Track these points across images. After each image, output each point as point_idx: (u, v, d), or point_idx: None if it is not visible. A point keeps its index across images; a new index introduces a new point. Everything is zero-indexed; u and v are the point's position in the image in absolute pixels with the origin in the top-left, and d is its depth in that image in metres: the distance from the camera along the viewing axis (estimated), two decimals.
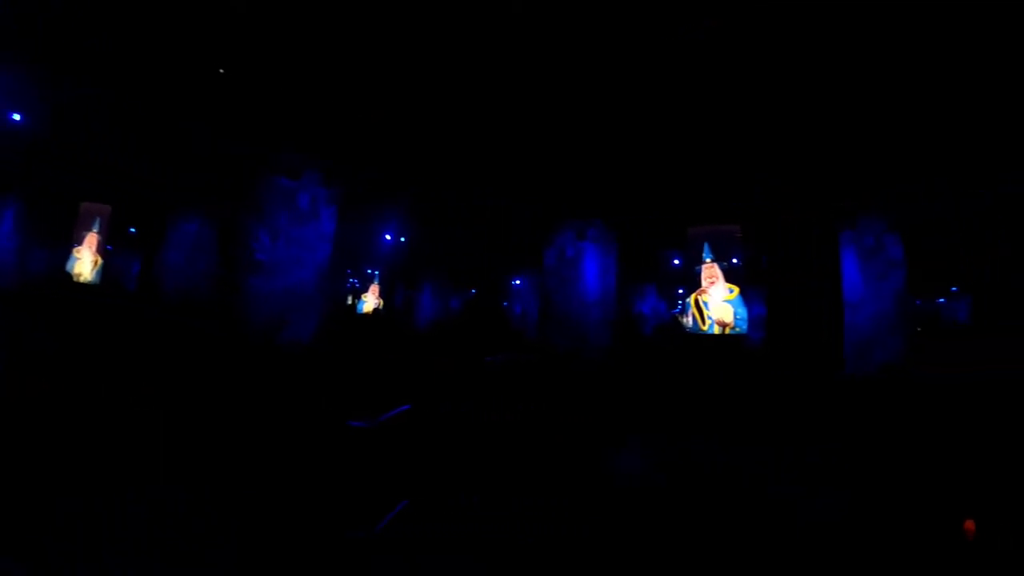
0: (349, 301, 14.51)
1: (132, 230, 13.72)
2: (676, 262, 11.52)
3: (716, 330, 10.87)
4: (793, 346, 10.92)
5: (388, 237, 13.43)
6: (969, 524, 2.79)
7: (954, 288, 13.40)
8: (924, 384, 7.60)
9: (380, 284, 13.97)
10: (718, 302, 10.93)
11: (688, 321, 11.22)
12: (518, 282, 12.62)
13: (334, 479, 2.75)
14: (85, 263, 12.31)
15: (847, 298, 9.46)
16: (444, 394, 5.09)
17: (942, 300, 13.66)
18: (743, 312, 10.83)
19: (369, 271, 14.03)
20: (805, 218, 11.03)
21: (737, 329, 10.81)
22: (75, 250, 12.36)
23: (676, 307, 11.18)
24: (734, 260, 11.03)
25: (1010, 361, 7.87)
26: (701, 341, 10.95)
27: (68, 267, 12.31)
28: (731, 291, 10.89)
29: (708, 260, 11.09)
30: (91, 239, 12.33)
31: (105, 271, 12.35)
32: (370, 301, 14.13)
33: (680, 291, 11.20)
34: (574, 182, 11.16)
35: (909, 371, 8.32)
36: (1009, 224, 10.62)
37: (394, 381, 6.14)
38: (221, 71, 8.96)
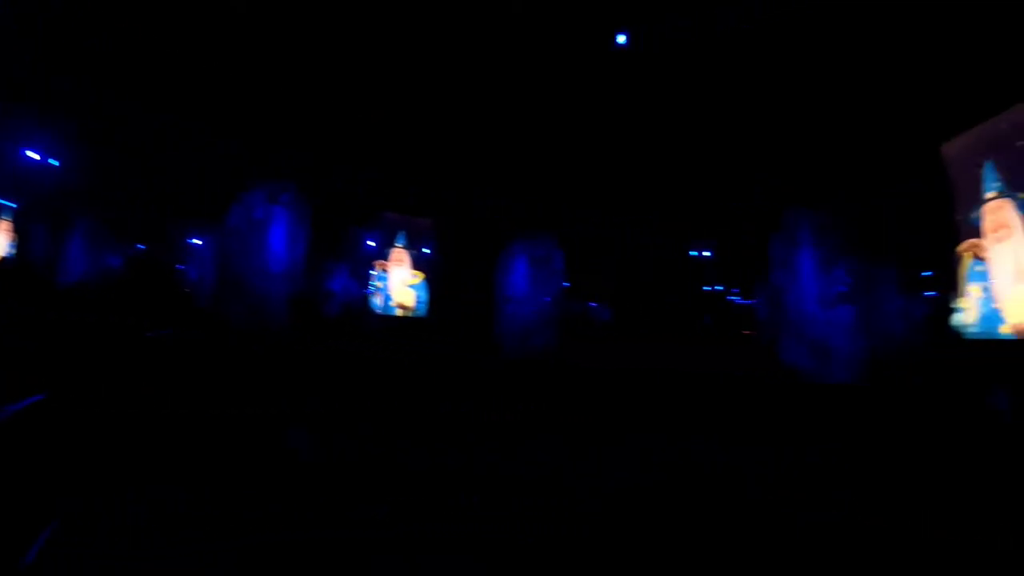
0: None
1: None
2: (371, 243, 12.14)
3: (399, 312, 11.92)
4: (467, 329, 12.42)
5: (35, 156, 10.61)
6: None
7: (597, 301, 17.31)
8: (568, 365, 9.40)
9: (14, 221, 11.06)
10: (401, 286, 11.97)
11: (377, 301, 11.96)
12: (199, 242, 11.38)
13: None
14: None
15: (516, 294, 11.24)
16: (94, 375, 4.47)
17: (594, 304, 17.50)
18: (425, 297, 12.11)
19: None
20: (489, 223, 12.82)
21: (418, 312, 12.06)
22: None
23: (368, 288, 11.79)
24: (425, 250, 12.26)
25: (629, 356, 11.13)
26: (385, 321, 11.83)
27: None
28: (415, 277, 12.06)
29: (400, 245, 12.06)
30: None
31: None
32: None
33: (373, 272, 11.89)
34: (273, 137, 10.49)
35: (560, 356, 10.36)
36: (622, 261, 14.90)
37: (27, 357, 5.16)
38: None
